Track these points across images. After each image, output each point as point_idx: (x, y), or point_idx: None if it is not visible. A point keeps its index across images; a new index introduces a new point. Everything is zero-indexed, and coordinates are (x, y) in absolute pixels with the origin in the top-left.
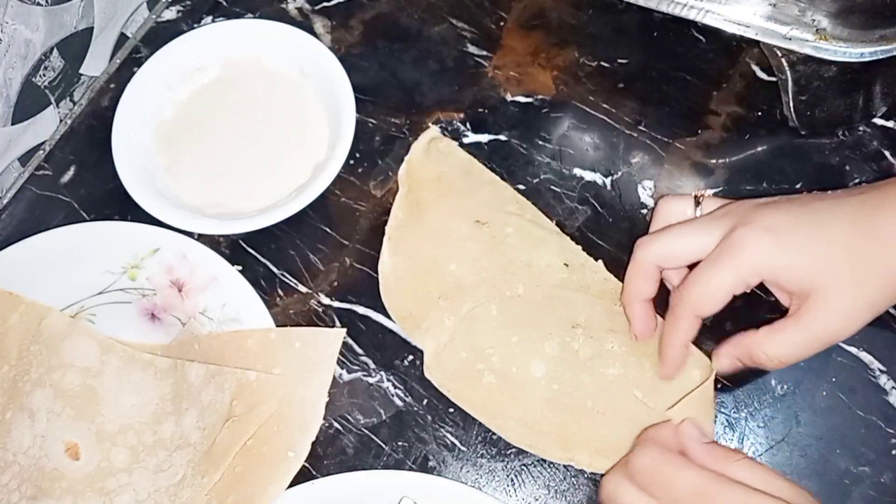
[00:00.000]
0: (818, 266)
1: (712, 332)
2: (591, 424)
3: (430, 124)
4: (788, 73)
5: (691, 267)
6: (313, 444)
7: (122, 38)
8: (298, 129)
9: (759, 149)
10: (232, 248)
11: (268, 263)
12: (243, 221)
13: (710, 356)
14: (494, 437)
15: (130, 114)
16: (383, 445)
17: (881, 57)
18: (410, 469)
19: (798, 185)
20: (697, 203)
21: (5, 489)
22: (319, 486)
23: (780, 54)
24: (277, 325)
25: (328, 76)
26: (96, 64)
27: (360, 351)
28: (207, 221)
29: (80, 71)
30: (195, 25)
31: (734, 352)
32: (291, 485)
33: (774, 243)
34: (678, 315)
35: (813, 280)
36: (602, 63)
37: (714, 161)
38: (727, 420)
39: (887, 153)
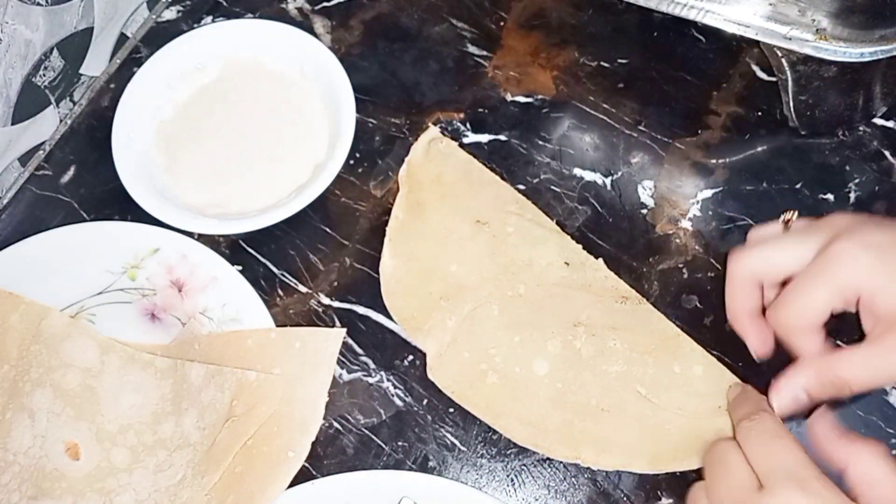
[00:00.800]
0: None
1: (712, 332)
2: (595, 421)
3: (429, 124)
4: (788, 73)
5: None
6: (313, 444)
7: (123, 38)
8: (298, 128)
9: (759, 149)
10: (232, 248)
11: (268, 263)
12: (243, 221)
13: (710, 351)
14: (495, 437)
15: (130, 114)
16: (383, 445)
17: (881, 57)
18: (410, 469)
19: (798, 185)
20: (786, 227)
21: (5, 489)
22: (319, 486)
23: (780, 54)
24: (277, 325)
25: (328, 76)
26: (96, 64)
27: (360, 351)
28: (207, 221)
29: (80, 71)
30: (195, 25)
31: (800, 379)
32: (291, 485)
33: (875, 260)
34: (782, 339)
35: None
36: (602, 63)
37: (714, 161)
38: None
39: (887, 153)
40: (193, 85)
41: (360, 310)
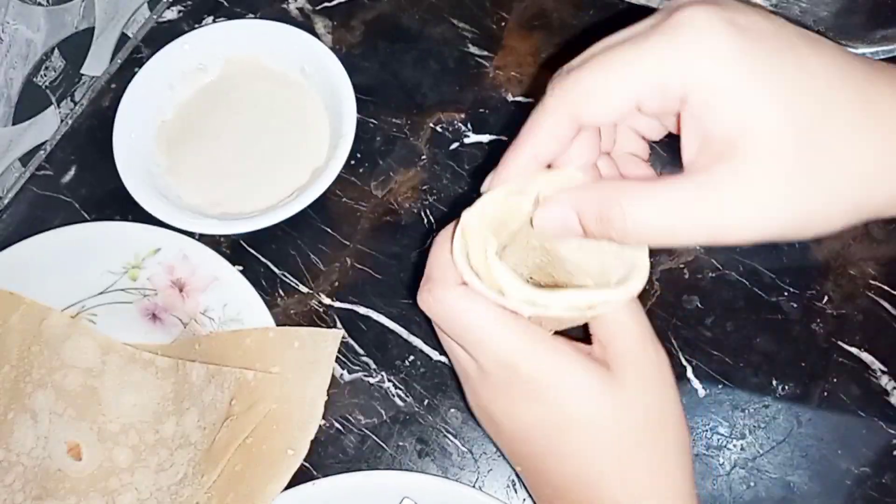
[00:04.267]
0: (779, 109)
1: (712, 332)
2: None
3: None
4: None
5: None
6: (314, 444)
7: (123, 38)
8: (299, 129)
9: None
10: (233, 249)
11: (269, 264)
12: (244, 221)
13: (711, 352)
14: None
15: (131, 114)
16: (384, 445)
17: (883, 57)
18: (411, 469)
19: None
20: None
21: (10, 490)
22: (320, 487)
23: None
24: (278, 325)
25: (329, 76)
26: (97, 64)
27: (361, 351)
28: (208, 221)
29: (81, 71)
30: (196, 25)
31: (579, 195)
32: (292, 485)
33: (736, 46)
34: (545, 108)
35: (762, 123)
36: None
37: None
38: (728, 420)
39: None
40: (194, 85)
41: (362, 310)
